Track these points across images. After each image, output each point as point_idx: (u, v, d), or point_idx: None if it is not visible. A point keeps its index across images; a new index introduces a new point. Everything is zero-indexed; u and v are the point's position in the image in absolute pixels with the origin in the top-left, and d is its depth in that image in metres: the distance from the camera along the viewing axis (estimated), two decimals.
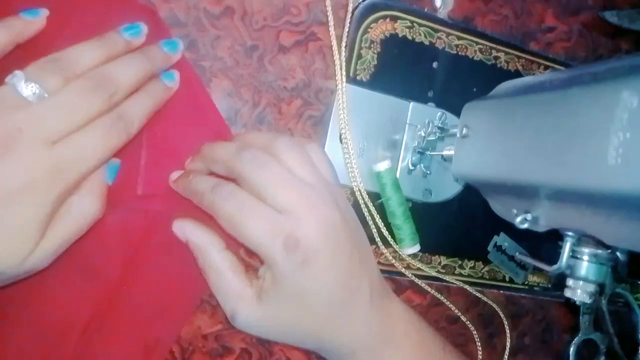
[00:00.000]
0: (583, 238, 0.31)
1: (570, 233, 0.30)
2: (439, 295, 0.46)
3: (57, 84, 0.27)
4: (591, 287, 0.31)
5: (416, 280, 0.44)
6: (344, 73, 0.40)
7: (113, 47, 0.31)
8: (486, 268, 0.48)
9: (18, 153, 0.25)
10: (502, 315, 0.48)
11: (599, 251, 0.30)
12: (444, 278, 0.45)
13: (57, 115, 0.27)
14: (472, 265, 0.47)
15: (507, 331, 0.48)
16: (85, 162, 0.28)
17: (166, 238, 0.36)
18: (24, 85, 0.26)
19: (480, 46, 0.46)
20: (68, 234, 0.29)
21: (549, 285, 0.50)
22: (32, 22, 0.31)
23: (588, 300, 0.31)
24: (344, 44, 0.41)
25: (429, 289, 0.45)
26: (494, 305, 0.47)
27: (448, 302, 0.46)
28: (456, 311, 0.46)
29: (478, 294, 0.47)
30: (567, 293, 0.32)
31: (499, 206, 0.35)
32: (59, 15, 0.32)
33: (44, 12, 0.31)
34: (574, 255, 0.31)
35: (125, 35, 0.32)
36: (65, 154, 0.27)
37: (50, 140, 0.26)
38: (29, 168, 0.26)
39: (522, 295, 0.50)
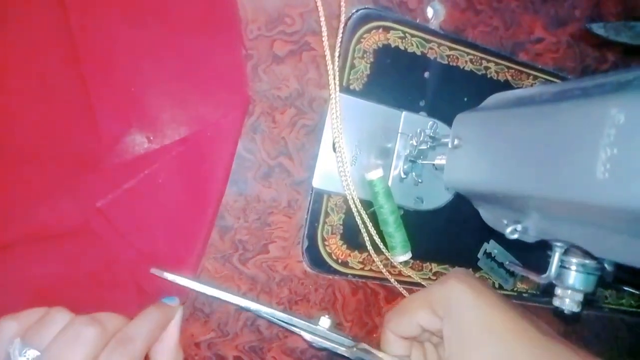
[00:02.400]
0: (571, 248, 0.31)
1: (559, 243, 0.30)
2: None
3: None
4: (579, 296, 0.32)
5: (402, 290, 0.45)
6: (337, 82, 0.41)
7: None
8: (476, 275, 0.48)
9: None
10: None
11: (587, 261, 0.31)
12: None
13: None
14: None
15: None
16: None
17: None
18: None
19: (471, 57, 0.46)
20: None
21: (538, 292, 0.51)
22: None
23: (576, 309, 0.32)
24: (337, 53, 0.41)
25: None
26: None
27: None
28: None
29: None
30: (556, 302, 0.32)
31: (489, 216, 0.35)
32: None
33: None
34: (562, 265, 0.31)
35: None
36: None
37: None
38: None
39: (512, 301, 0.50)
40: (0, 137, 0.32)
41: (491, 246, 0.48)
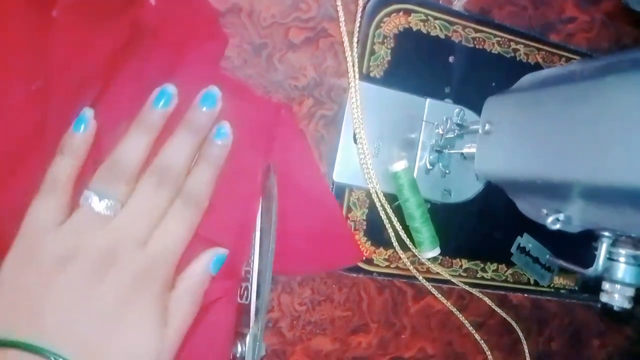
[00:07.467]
0: (620, 238, 0.28)
1: (606, 233, 0.28)
2: (454, 309, 0.44)
3: (125, 190, 0.29)
4: (630, 291, 0.29)
5: (431, 288, 0.42)
6: (356, 70, 0.38)
7: (155, 128, 0.31)
8: (510, 271, 0.45)
9: (119, 266, 0.27)
10: (517, 328, 0.46)
11: (639, 252, 0.28)
12: (459, 283, 0.43)
13: (137, 219, 0.28)
14: (495, 268, 0.45)
15: (524, 344, 0.46)
16: (174, 251, 0.29)
17: None
18: (98, 203, 0.28)
19: (499, 39, 0.44)
20: (182, 326, 0.29)
21: (576, 288, 0.48)
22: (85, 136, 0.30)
23: (627, 305, 0.29)
24: (355, 39, 0.39)
25: (445, 301, 0.43)
26: (509, 319, 0.45)
27: (462, 317, 0.44)
28: (470, 328, 0.44)
29: (497, 308, 0.45)
30: (604, 298, 0.30)
31: (526, 206, 0.33)
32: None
33: (92, 123, 0.30)
34: (610, 257, 0.29)
35: (159, 109, 0.31)
36: (156, 250, 0.28)
37: (140, 242, 0.28)
38: (132, 274, 0.27)
39: (548, 298, 0.47)
40: None
41: (525, 240, 0.45)
